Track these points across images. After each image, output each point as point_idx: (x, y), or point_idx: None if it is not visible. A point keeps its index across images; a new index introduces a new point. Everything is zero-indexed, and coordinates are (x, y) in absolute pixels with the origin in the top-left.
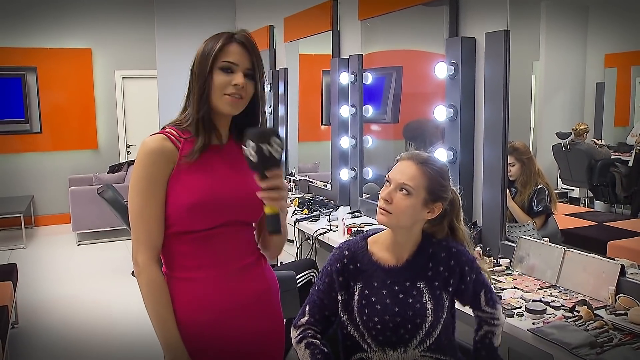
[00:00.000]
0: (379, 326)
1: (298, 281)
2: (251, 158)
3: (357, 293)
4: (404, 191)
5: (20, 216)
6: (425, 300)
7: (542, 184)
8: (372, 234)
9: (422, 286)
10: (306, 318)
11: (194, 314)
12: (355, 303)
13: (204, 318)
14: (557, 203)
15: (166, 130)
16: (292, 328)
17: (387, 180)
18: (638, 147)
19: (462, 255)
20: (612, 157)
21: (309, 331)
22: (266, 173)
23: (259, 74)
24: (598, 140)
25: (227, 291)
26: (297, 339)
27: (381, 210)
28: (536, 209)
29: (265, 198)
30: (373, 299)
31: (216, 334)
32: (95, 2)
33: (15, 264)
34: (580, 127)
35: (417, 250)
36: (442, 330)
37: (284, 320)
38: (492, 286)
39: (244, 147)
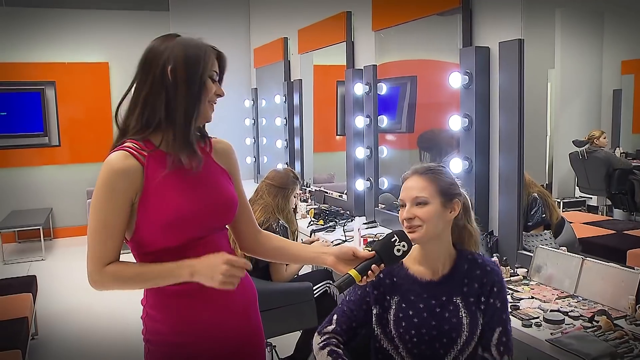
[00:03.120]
0: (415, 339)
1: (315, 292)
2: (397, 253)
3: (393, 306)
4: (421, 203)
5: (39, 228)
6: (462, 315)
7: (535, 191)
8: None
9: (458, 301)
10: (333, 327)
11: (173, 324)
12: (392, 316)
13: (182, 327)
14: (576, 212)
15: (126, 145)
16: (315, 334)
17: (401, 205)
18: None
19: (495, 275)
20: (631, 164)
21: (334, 340)
22: (386, 265)
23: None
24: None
25: (205, 298)
26: (321, 345)
27: (409, 229)
28: (530, 222)
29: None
30: (410, 312)
31: (195, 340)
32: (111, 17)
33: (35, 275)
34: (593, 134)
35: (454, 266)
36: (475, 347)
37: (301, 331)
38: (511, 333)
39: (395, 235)
